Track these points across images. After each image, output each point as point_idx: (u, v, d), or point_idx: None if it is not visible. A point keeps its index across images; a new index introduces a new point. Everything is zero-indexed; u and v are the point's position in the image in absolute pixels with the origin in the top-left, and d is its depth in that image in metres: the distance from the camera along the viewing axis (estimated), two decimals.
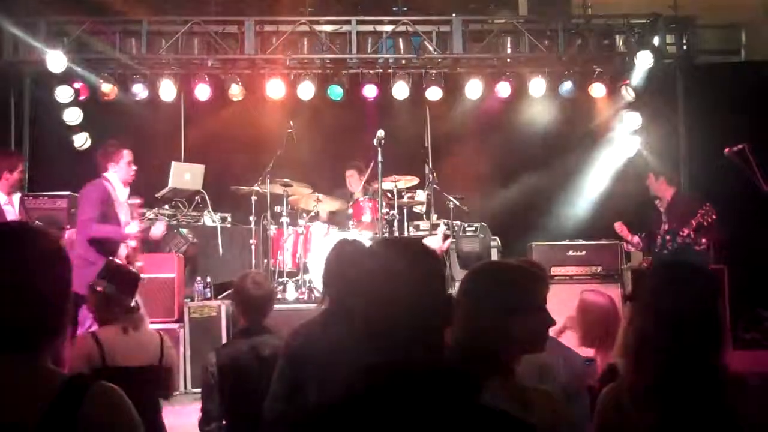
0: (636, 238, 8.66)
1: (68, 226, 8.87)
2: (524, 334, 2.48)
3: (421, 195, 9.82)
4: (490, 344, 2.43)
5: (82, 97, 10.16)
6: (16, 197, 7.71)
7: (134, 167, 7.52)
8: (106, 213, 7.12)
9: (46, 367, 1.87)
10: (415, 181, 9.70)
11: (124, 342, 4.41)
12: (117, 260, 5.84)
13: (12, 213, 7.52)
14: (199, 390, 7.34)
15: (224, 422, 4.47)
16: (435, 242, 7.50)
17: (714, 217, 7.75)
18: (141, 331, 4.57)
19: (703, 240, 7.82)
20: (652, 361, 2.51)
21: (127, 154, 7.44)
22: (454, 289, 7.72)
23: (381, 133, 7.91)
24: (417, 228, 9.97)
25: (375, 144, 7.89)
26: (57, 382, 1.83)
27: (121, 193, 7.36)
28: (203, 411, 4.51)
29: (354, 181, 10.09)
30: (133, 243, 7.40)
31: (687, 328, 2.49)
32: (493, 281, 2.57)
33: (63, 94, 9.96)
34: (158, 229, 7.72)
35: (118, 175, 7.37)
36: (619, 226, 8.73)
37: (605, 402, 2.61)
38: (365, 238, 9.05)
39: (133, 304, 4.60)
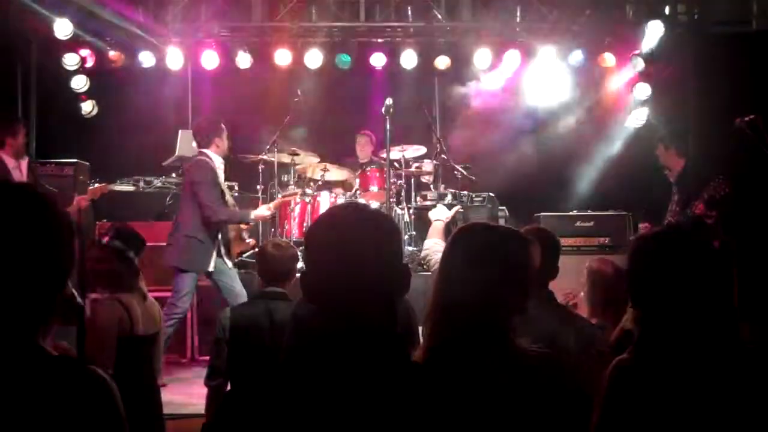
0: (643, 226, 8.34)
1: (76, 194, 8.88)
2: (508, 295, 2.47)
3: (428, 165, 9.78)
4: (475, 309, 2.42)
5: (88, 65, 10.13)
6: (24, 163, 7.69)
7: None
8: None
9: (37, 346, 1.71)
10: (422, 150, 9.67)
11: (143, 310, 4.41)
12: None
13: (19, 177, 7.51)
14: (206, 358, 7.46)
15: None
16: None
17: (727, 190, 7.63)
18: (149, 299, 4.58)
19: (713, 212, 7.68)
20: (656, 333, 2.49)
21: (224, 126, 7.36)
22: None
23: (389, 101, 7.85)
24: (424, 198, 9.91)
25: (383, 113, 7.83)
26: (49, 364, 1.69)
27: (220, 170, 7.31)
28: (210, 365, 4.56)
29: (366, 147, 10.07)
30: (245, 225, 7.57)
31: (692, 299, 2.45)
32: (467, 244, 2.57)
33: (70, 61, 9.93)
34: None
35: (219, 151, 7.30)
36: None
37: (614, 374, 2.57)
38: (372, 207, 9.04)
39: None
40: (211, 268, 7.08)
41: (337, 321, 1.84)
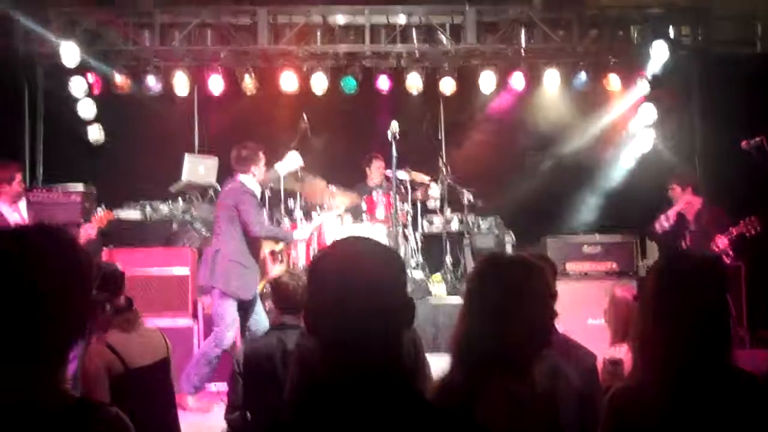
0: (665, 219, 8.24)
1: (82, 221, 8.89)
2: (523, 330, 2.44)
3: (434, 189, 9.78)
4: (490, 345, 2.41)
5: (95, 90, 10.17)
6: (22, 204, 7.64)
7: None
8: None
9: (52, 384, 1.77)
10: (428, 178, 9.68)
11: (133, 342, 4.40)
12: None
13: (18, 220, 7.45)
14: (215, 384, 7.47)
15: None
16: (302, 234, 7.46)
17: (758, 229, 7.43)
18: (142, 328, 4.56)
19: (732, 253, 7.54)
20: (657, 360, 2.49)
21: (263, 155, 7.46)
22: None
23: (395, 125, 7.87)
24: (431, 223, 9.94)
25: (389, 137, 7.85)
26: (64, 401, 1.76)
27: (258, 194, 7.40)
28: (228, 400, 4.56)
29: (380, 169, 10.08)
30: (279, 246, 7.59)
31: (690, 326, 2.46)
32: (485, 279, 2.56)
33: (77, 86, 9.96)
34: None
35: (257, 178, 7.39)
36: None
37: (613, 402, 2.59)
38: (379, 232, 9.04)
39: (123, 302, 4.55)
40: (251, 297, 7.12)
41: (342, 357, 1.83)
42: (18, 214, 7.45)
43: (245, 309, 7.20)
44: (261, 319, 7.22)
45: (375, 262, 1.89)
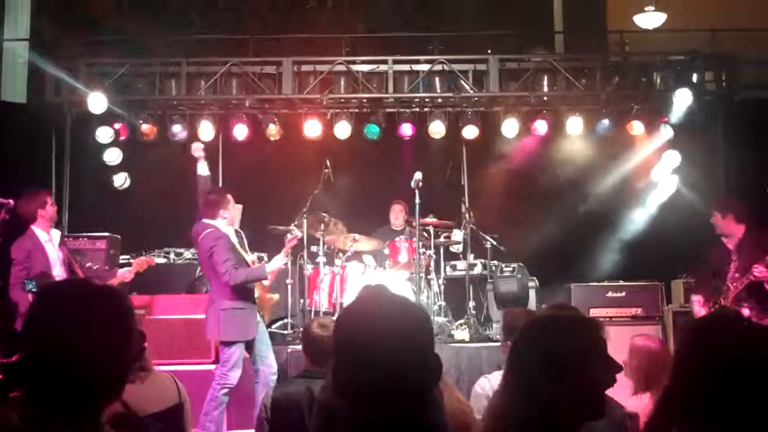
0: (698, 301, 7.64)
1: (107, 267, 8.96)
2: (576, 398, 2.26)
3: (457, 234, 9.78)
4: (540, 413, 2.23)
5: (121, 138, 10.31)
6: (56, 234, 7.74)
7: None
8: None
9: (101, 425, 1.87)
10: (449, 225, 9.69)
11: (142, 390, 4.39)
12: None
13: (53, 249, 7.57)
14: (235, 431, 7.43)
15: None
16: (274, 265, 7.40)
17: None
18: (152, 376, 4.54)
19: None
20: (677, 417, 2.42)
21: (230, 197, 7.43)
22: (492, 330, 7.61)
23: (418, 175, 7.91)
24: (454, 268, 9.91)
25: (413, 186, 7.89)
26: None
27: (232, 238, 7.31)
28: None
29: (401, 214, 10.12)
30: (266, 281, 7.52)
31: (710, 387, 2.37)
32: (535, 342, 2.36)
33: (103, 134, 10.11)
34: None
35: (227, 221, 7.33)
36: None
37: None
38: (402, 278, 9.03)
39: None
40: (254, 335, 7.09)
41: (370, 415, 1.81)
42: (51, 243, 7.56)
43: (249, 347, 7.18)
44: (266, 355, 7.19)
45: (401, 321, 1.89)
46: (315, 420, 3.90)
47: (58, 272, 7.49)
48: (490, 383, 4.46)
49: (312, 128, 10.31)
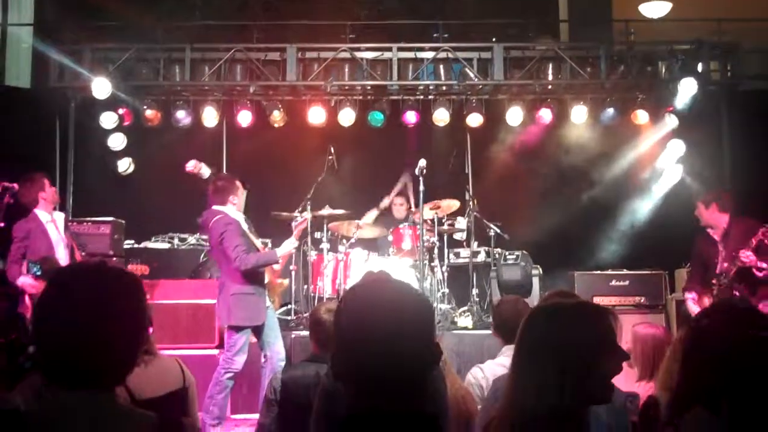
0: (692, 299, 7.65)
1: (111, 252, 8.97)
2: (584, 385, 2.26)
3: (461, 222, 9.79)
4: (548, 399, 2.24)
5: (126, 123, 10.31)
6: (59, 216, 7.75)
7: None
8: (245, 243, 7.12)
9: (126, 405, 1.96)
10: (455, 206, 9.69)
11: (145, 374, 4.39)
12: None
13: (54, 231, 7.57)
14: (239, 416, 7.46)
15: None
16: (285, 249, 7.38)
17: None
18: (156, 359, 4.54)
19: (764, 264, 7.24)
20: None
21: (239, 183, 7.42)
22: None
23: (423, 162, 7.91)
24: (457, 255, 9.92)
25: (417, 173, 7.89)
26: (149, 422, 1.91)
27: (242, 222, 7.30)
28: (259, 423, 4.56)
29: (403, 206, 10.14)
30: (277, 266, 7.47)
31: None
32: (543, 330, 2.37)
33: (107, 120, 10.12)
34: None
35: (236, 207, 7.33)
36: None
37: None
38: (405, 265, 9.04)
39: None
40: (263, 321, 7.10)
41: (368, 398, 1.81)
42: (55, 224, 7.55)
43: (257, 332, 7.20)
44: (275, 342, 7.22)
45: (403, 307, 1.89)
46: (317, 403, 3.92)
47: (61, 254, 7.49)
48: (483, 372, 4.45)
49: (316, 115, 10.30)
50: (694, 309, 7.39)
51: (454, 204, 9.69)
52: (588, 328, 2.33)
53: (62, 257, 7.48)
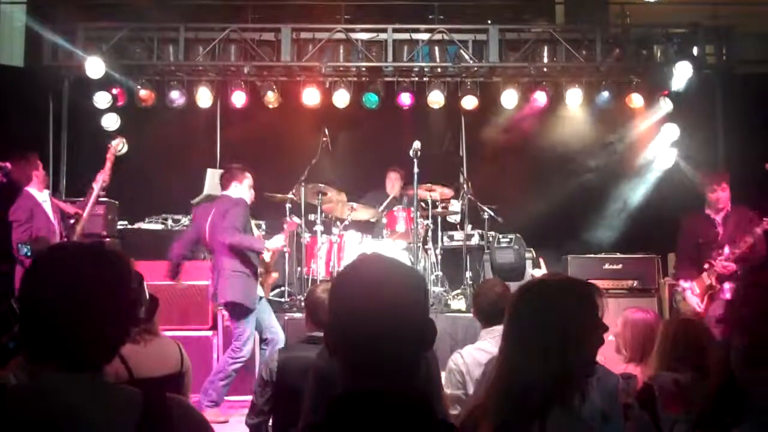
0: (690, 289, 7.54)
1: (105, 232, 8.96)
2: (571, 359, 2.30)
3: (455, 205, 9.80)
4: (538, 374, 2.28)
5: (119, 103, 10.27)
6: (46, 195, 7.80)
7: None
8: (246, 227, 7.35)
9: (114, 384, 1.93)
10: (449, 194, 9.69)
11: (145, 353, 4.40)
12: None
13: (49, 208, 7.68)
14: (234, 398, 7.48)
15: (271, 420, 4.55)
16: (274, 243, 7.51)
17: None
18: (157, 340, 4.56)
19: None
20: None
21: (250, 177, 7.66)
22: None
23: (417, 144, 7.91)
24: (451, 238, 9.92)
25: (411, 155, 7.89)
26: (135, 400, 1.87)
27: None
28: (252, 404, 4.59)
29: (396, 182, 10.11)
30: (267, 257, 7.59)
31: None
32: (529, 305, 2.40)
33: (101, 99, 10.08)
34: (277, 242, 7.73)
35: (242, 189, 7.58)
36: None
37: None
38: (399, 247, 9.05)
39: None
40: (255, 305, 7.19)
41: (361, 377, 1.82)
42: (49, 202, 7.69)
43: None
44: (273, 324, 7.36)
45: (396, 283, 1.88)
46: (311, 383, 3.92)
47: (58, 231, 7.55)
48: (462, 358, 4.46)
49: (311, 96, 10.27)
50: (693, 300, 7.37)
51: (447, 192, 9.68)
52: (571, 301, 2.37)
53: (58, 234, 7.53)
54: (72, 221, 7.87)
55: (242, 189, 7.53)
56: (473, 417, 2.43)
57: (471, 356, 4.48)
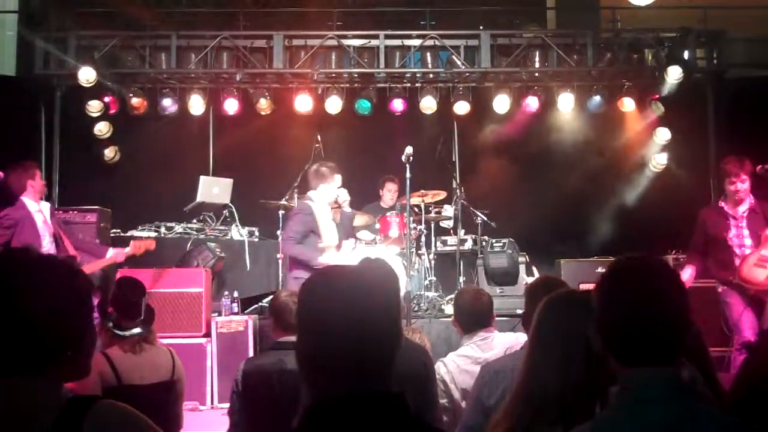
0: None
1: (98, 240, 8.95)
2: (604, 370, 2.29)
3: (448, 210, 9.80)
4: (576, 377, 2.34)
5: (111, 111, 10.27)
6: (45, 206, 7.74)
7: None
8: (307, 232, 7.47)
9: (49, 389, 1.90)
10: (442, 195, 9.69)
11: (136, 360, 4.40)
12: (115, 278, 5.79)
13: (41, 220, 7.56)
14: (226, 405, 7.44)
15: None
16: (328, 260, 7.58)
17: None
18: (151, 348, 4.55)
19: None
20: None
21: (338, 179, 7.84)
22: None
23: (409, 149, 7.91)
24: (444, 243, 9.93)
25: (403, 161, 7.89)
26: (59, 402, 1.86)
27: (320, 211, 7.58)
28: (229, 418, 4.53)
29: (395, 193, 10.10)
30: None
31: None
32: (566, 314, 2.48)
33: (93, 107, 10.07)
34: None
35: (323, 196, 7.68)
36: None
37: None
38: (392, 253, 9.04)
39: (136, 329, 4.54)
40: None
41: (338, 386, 1.80)
42: (42, 214, 7.54)
43: None
44: None
45: (367, 284, 1.85)
46: (285, 390, 3.90)
47: (47, 244, 7.46)
48: (446, 367, 4.45)
49: (303, 103, 10.29)
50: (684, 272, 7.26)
51: (440, 194, 9.69)
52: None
53: (47, 247, 7.46)
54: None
55: (328, 189, 7.69)
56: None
57: (454, 364, 4.47)
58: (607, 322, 2.12)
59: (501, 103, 10.30)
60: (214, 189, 10.05)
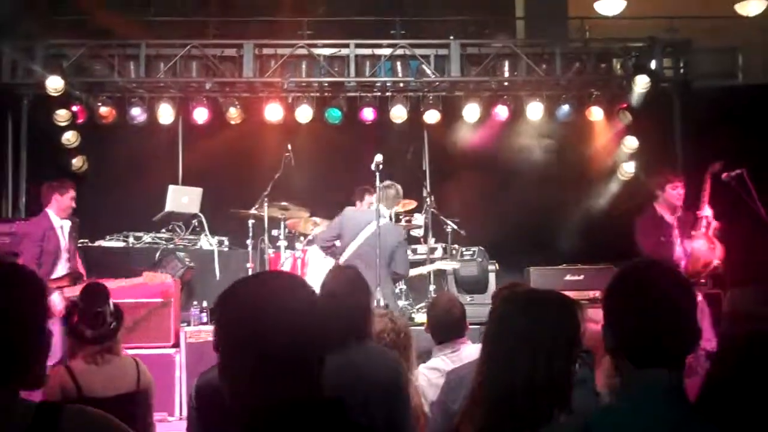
0: None
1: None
2: (566, 370, 2.39)
3: (418, 219, 9.80)
4: (521, 387, 2.35)
5: (79, 120, 10.19)
6: (66, 224, 8.16)
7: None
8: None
9: (12, 399, 1.87)
10: (412, 204, 9.70)
11: (99, 372, 4.36)
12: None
13: (62, 236, 8.12)
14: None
15: None
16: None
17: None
18: (115, 358, 4.51)
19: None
20: None
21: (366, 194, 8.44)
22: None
23: (379, 157, 7.93)
24: (414, 251, 9.93)
25: (373, 169, 7.90)
26: (29, 410, 1.85)
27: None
28: None
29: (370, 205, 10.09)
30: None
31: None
32: (532, 313, 2.48)
33: (61, 117, 9.98)
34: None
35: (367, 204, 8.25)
36: None
37: None
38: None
39: (93, 333, 4.50)
40: None
41: (274, 392, 1.80)
42: (62, 231, 8.14)
43: None
44: None
45: (284, 292, 1.86)
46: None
47: (63, 260, 8.04)
48: (416, 381, 4.45)
49: (273, 112, 10.27)
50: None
51: (411, 203, 9.70)
52: (567, 315, 2.47)
53: (63, 262, 8.05)
54: None
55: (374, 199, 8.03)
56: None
57: (425, 377, 4.47)
58: (621, 326, 2.16)
59: (471, 112, 10.35)
60: (183, 198, 10.01)
